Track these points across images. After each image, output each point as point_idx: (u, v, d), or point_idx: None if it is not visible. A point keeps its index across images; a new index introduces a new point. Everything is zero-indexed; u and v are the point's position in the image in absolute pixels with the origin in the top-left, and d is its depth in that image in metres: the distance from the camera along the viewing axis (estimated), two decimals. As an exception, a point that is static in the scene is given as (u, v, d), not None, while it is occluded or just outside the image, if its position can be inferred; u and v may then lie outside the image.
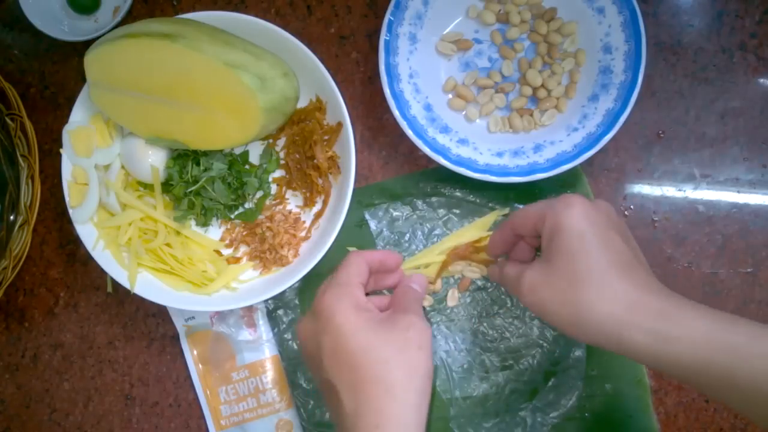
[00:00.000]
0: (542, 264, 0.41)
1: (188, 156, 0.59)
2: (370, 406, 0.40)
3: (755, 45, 0.58)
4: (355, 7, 0.63)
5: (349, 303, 0.43)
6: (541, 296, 0.41)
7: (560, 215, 0.40)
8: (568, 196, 0.41)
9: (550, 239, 0.41)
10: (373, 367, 0.40)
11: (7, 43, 0.68)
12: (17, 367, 0.66)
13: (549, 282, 0.40)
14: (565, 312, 0.39)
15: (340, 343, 0.41)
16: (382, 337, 0.41)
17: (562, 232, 0.40)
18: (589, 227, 0.40)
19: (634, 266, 0.40)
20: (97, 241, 0.59)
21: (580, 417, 0.56)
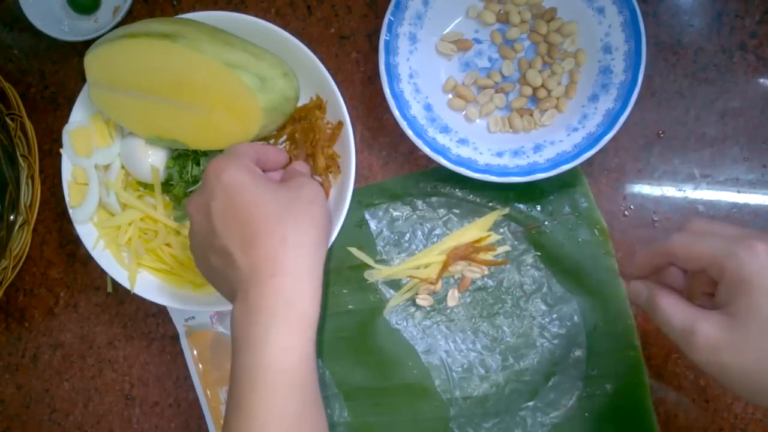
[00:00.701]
0: (724, 321, 0.35)
1: (188, 156, 0.59)
2: (266, 257, 0.40)
3: (755, 45, 0.58)
4: (355, 7, 0.63)
5: (239, 165, 0.43)
6: (725, 361, 0.35)
7: (745, 266, 0.34)
8: (750, 240, 0.35)
9: (733, 294, 0.35)
10: (266, 220, 0.41)
11: (7, 43, 0.68)
12: (17, 367, 0.66)
13: (734, 348, 0.34)
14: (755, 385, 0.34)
15: (231, 200, 0.42)
16: (273, 193, 0.42)
17: (750, 291, 0.34)
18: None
19: None
20: (97, 241, 0.59)
21: (580, 417, 0.56)
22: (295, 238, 0.42)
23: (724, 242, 0.36)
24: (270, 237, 0.41)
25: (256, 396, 0.39)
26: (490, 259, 0.58)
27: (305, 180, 0.45)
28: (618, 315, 0.56)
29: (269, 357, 0.40)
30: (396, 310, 0.59)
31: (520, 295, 0.58)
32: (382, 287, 0.60)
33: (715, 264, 0.36)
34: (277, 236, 0.41)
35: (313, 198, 0.44)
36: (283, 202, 0.42)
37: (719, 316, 0.35)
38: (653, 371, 0.57)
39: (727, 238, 0.36)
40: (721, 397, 0.56)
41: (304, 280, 0.41)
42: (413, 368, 0.59)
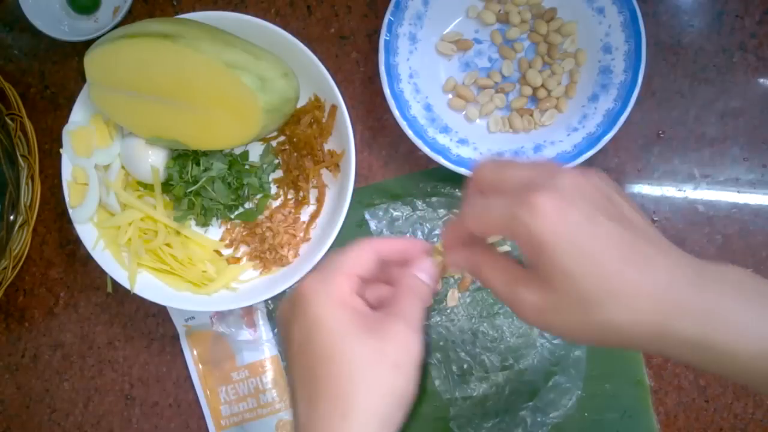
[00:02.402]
0: (540, 285, 0.33)
1: (188, 156, 0.59)
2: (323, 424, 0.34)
3: (755, 45, 0.58)
4: (355, 7, 0.63)
5: (331, 294, 0.36)
6: (551, 322, 0.34)
7: (532, 229, 0.32)
8: (527, 196, 0.32)
9: (533, 257, 0.33)
10: (334, 381, 0.34)
11: (7, 43, 0.68)
12: (17, 367, 0.66)
13: (556, 307, 0.33)
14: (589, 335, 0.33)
15: (307, 339, 0.35)
16: (356, 344, 0.34)
17: (545, 250, 0.32)
18: (573, 234, 0.31)
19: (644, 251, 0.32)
20: (97, 241, 0.59)
21: (580, 417, 0.56)
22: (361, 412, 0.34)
23: (505, 205, 0.33)
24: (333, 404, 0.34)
25: None
26: None
27: (401, 330, 0.35)
28: (618, 315, 0.56)
29: None
30: (396, 310, 0.59)
31: (520, 295, 0.58)
32: (382, 287, 0.60)
33: (506, 231, 0.33)
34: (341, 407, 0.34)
35: (400, 361, 0.35)
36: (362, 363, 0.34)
37: (535, 281, 0.33)
38: (653, 371, 0.57)
39: (508, 199, 0.33)
40: (721, 397, 0.56)
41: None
42: (413, 368, 0.59)
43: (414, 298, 0.37)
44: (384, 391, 0.34)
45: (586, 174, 0.33)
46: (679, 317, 0.30)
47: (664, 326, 0.31)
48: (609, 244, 0.32)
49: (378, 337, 0.35)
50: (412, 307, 0.37)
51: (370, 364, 0.34)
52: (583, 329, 0.32)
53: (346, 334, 0.34)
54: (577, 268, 0.31)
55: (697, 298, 0.31)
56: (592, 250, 0.31)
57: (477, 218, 0.35)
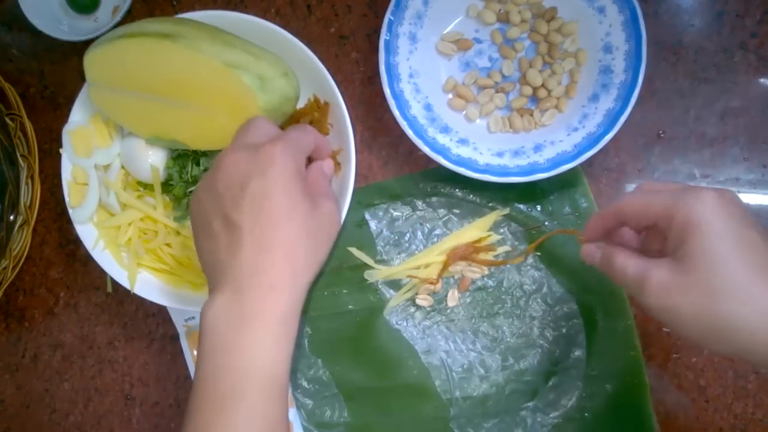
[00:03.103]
0: (674, 265, 0.36)
1: (188, 156, 0.59)
2: (272, 269, 0.42)
3: (756, 45, 0.57)
4: (355, 6, 0.63)
5: (295, 165, 0.45)
6: (674, 302, 0.35)
7: (693, 211, 0.35)
8: (698, 189, 0.36)
9: (681, 239, 0.35)
10: (288, 235, 0.43)
11: (7, 43, 0.68)
12: (17, 368, 0.66)
13: (683, 289, 0.35)
14: (702, 323, 0.35)
15: (271, 192, 0.43)
16: (306, 211, 0.44)
17: (698, 233, 0.34)
18: (728, 227, 0.34)
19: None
20: (97, 241, 0.59)
21: (580, 417, 0.56)
22: (304, 266, 0.44)
23: (672, 194, 0.37)
24: (285, 254, 0.43)
25: (243, 397, 0.40)
26: (490, 260, 0.58)
27: (334, 211, 0.48)
28: (618, 315, 0.56)
29: (260, 362, 0.41)
30: (396, 310, 0.59)
31: (520, 295, 0.58)
32: (382, 287, 0.60)
33: (665, 215, 0.37)
34: (291, 257, 0.43)
35: (332, 234, 0.48)
36: (309, 227, 0.45)
37: (670, 261, 0.36)
38: (653, 371, 0.57)
39: (675, 191, 0.38)
40: (721, 397, 0.56)
41: (295, 306, 0.44)
42: (413, 368, 0.59)
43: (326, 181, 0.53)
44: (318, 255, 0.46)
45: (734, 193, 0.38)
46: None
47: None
48: (753, 250, 0.34)
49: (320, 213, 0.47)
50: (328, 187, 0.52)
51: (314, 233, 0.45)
52: (701, 316, 0.34)
53: (299, 203, 0.44)
54: (719, 255, 0.34)
55: None
56: (738, 247, 0.34)
57: (638, 203, 0.39)
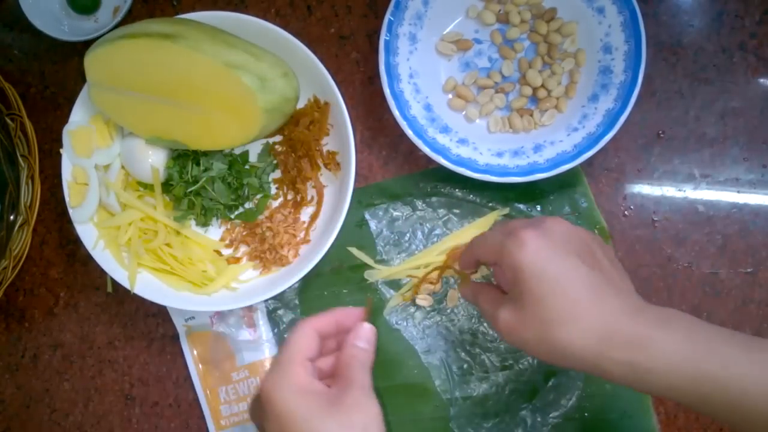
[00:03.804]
0: (513, 304, 0.40)
1: (188, 156, 0.59)
2: None
3: (755, 45, 0.58)
4: (355, 7, 0.63)
5: (290, 388, 0.40)
6: (518, 337, 0.40)
7: (515, 256, 0.39)
8: (518, 231, 0.40)
9: (513, 280, 0.40)
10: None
11: (8, 43, 0.68)
12: (17, 367, 0.66)
13: (523, 323, 0.40)
14: (544, 350, 0.40)
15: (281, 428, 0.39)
16: (325, 423, 0.38)
17: (521, 274, 0.39)
18: (546, 265, 0.39)
19: (602, 289, 0.39)
20: (97, 241, 0.59)
21: (580, 417, 0.56)
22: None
23: (500, 237, 0.41)
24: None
25: None
26: None
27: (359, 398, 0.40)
28: (618, 315, 0.56)
29: None
30: (396, 310, 0.59)
31: (520, 295, 0.58)
32: (382, 287, 0.60)
33: (496, 257, 0.41)
34: None
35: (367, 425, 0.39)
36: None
37: (511, 302, 0.41)
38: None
39: (503, 233, 0.41)
40: (721, 397, 0.56)
41: None
42: (413, 368, 0.59)
43: (359, 364, 0.42)
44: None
45: (577, 227, 0.42)
46: (614, 344, 0.37)
47: (603, 349, 0.37)
48: (573, 278, 0.39)
49: (342, 412, 0.39)
50: (360, 373, 0.41)
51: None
52: (542, 345, 0.39)
53: (313, 418, 0.38)
54: (543, 292, 0.38)
55: (631, 328, 0.37)
56: (558, 280, 0.38)
57: (478, 245, 0.44)
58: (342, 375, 0.42)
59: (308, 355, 0.42)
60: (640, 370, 0.37)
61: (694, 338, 0.36)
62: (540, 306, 0.39)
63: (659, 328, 0.37)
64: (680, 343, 0.36)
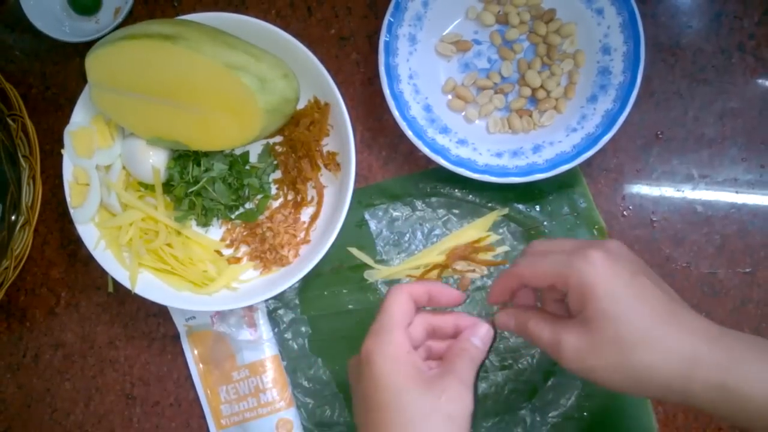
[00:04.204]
0: (581, 329, 0.38)
1: (189, 157, 0.59)
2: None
3: (754, 46, 0.58)
4: (355, 8, 0.63)
5: (388, 352, 0.40)
6: (590, 365, 0.38)
7: (585, 276, 0.37)
8: (584, 250, 0.38)
9: (581, 303, 0.38)
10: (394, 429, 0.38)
11: (9, 44, 0.68)
12: (18, 367, 0.66)
13: (596, 350, 0.37)
14: (621, 377, 0.37)
15: (371, 394, 0.40)
16: (412, 398, 0.39)
17: (594, 296, 0.37)
18: (620, 285, 0.37)
19: (676, 309, 0.37)
20: (98, 242, 0.59)
21: (579, 417, 0.56)
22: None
23: (562, 257, 0.39)
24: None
25: None
26: (489, 260, 0.58)
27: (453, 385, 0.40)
28: (617, 315, 0.56)
29: None
30: (396, 310, 0.60)
31: (520, 295, 0.58)
32: (382, 287, 0.60)
33: (559, 278, 0.39)
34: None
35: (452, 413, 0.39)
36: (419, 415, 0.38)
37: (577, 327, 0.38)
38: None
39: (565, 253, 0.39)
40: (720, 397, 0.56)
41: None
42: (413, 368, 0.59)
43: (468, 359, 0.42)
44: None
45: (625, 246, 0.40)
46: (704, 365, 0.35)
47: (691, 371, 0.35)
48: (647, 297, 0.37)
49: (433, 394, 0.39)
50: (466, 367, 0.41)
51: (426, 416, 0.38)
52: (618, 370, 0.36)
53: (404, 390, 0.39)
54: (618, 313, 0.36)
55: (719, 350, 0.35)
56: (633, 299, 0.37)
57: (532, 268, 0.41)
58: (448, 362, 0.42)
59: (407, 321, 0.43)
60: (734, 394, 0.34)
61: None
62: (615, 328, 0.36)
63: (749, 350, 0.35)
64: None
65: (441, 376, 0.40)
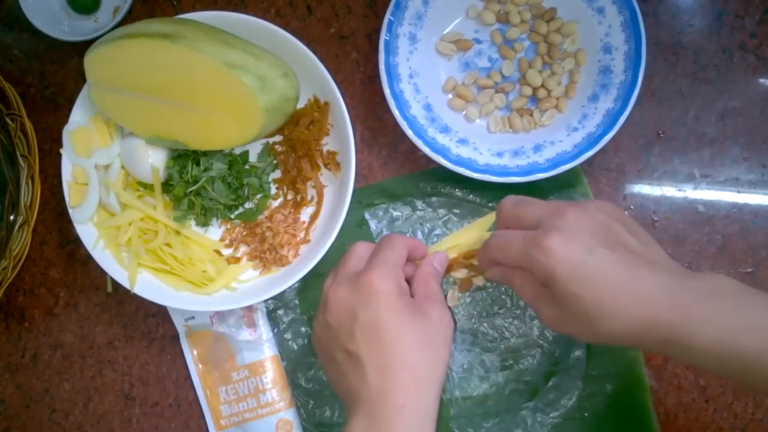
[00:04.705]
0: (553, 302, 0.42)
1: (188, 156, 0.59)
2: (398, 387, 0.43)
3: (755, 45, 0.58)
4: (355, 7, 0.63)
5: (395, 284, 0.45)
6: (564, 330, 0.44)
7: (545, 267, 0.40)
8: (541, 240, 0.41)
9: (547, 284, 0.41)
10: (405, 353, 0.44)
11: (7, 43, 0.68)
12: (17, 367, 0.66)
13: (566, 320, 0.42)
14: (591, 339, 0.42)
15: (379, 320, 0.44)
16: (417, 325, 0.45)
17: (556, 282, 0.40)
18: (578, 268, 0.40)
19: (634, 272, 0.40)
20: (97, 241, 0.59)
21: (580, 417, 0.56)
22: (428, 376, 0.44)
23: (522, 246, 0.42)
24: (407, 371, 0.43)
25: None
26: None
27: (443, 313, 0.47)
28: (618, 315, 0.56)
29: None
30: (396, 310, 0.59)
31: (520, 295, 0.58)
32: (382, 287, 0.60)
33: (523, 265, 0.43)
34: (413, 372, 0.44)
35: (447, 337, 0.46)
36: (424, 341, 0.45)
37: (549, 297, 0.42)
38: (653, 371, 0.57)
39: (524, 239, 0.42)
40: (721, 397, 0.56)
41: (430, 416, 0.44)
42: (413, 368, 0.59)
43: (435, 281, 0.50)
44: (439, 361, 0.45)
45: (586, 207, 0.43)
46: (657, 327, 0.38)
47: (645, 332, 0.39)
48: (605, 271, 0.40)
49: (430, 321, 0.46)
50: (436, 288, 0.49)
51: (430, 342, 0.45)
52: (590, 335, 0.42)
53: (408, 319, 0.45)
54: (580, 291, 0.40)
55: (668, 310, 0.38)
56: (591, 278, 0.40)
57: (500, 251, 0.45)
58: (421, 288, 0.48)
59: (403, 262, 0.48)
60: (682, 347, 0.38)
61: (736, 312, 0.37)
62: (579, 305, 0.40)
63: (698, 302, 0.38)
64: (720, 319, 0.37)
65: (427, 305, 0.46)
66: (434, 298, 0.47)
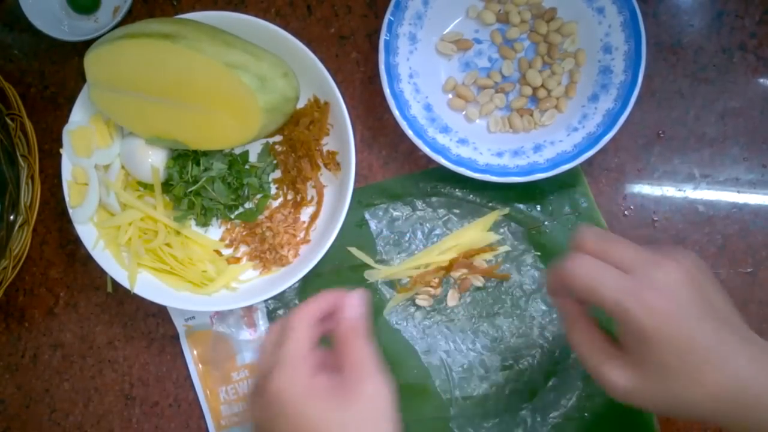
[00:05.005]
0: (633, 367, 0.39)
1: (188, 156, 0.59)
2: None
3: (755, 45, 0.58)
4: (355, 7, 0.63)
5: (301, 385, 0.39)
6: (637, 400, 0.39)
7: (643, 324, 0.37)
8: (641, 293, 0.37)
9: (633, 342, 0.38)
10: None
11: (7, 43, 0.68)
12: (17, 367, 0.66)
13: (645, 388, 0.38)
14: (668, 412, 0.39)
15: (300, 426, 0.38)
16: (345, 413, 0.38)
17: (649, 343, 0.37)
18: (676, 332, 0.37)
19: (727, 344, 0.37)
20: (97, 241, 0.59)
21: (580, 417, 0.56)
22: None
23: (618, 293, 0.38)
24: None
25: None
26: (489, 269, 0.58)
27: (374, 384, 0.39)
28: (618, 315, 0.56)
29: None
30: (396, 310, 0.59)
31: (520, 295, 0.58)
32: (382, 287, 0.60)
33: (615, 312, 0.38)
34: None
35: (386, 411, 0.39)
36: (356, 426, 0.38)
37: (623, 365, 0.39)
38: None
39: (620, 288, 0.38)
40: (721, 397, 0.56)
41: None
42: (413, 368, 0.59)
43: (357, 338, 0.41)
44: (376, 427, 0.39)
45: (682, 262, 0.39)
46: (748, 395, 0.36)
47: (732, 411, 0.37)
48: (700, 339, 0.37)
49: (356, 399, 0.39)
50: (357, 348, 0.40)
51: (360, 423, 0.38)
52: (667, 408, 0.38)
53: (335, 412, 0.38)
54: (672, 361, 0.37)
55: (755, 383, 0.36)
56: (688, 347, 0.37)
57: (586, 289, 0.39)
58: (345, 357, 0.40)
59: (310, 347, 0.41)
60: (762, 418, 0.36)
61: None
62: (668, 374, 0.37)
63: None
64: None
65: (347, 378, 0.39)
66: (361, 367, 0.40)
